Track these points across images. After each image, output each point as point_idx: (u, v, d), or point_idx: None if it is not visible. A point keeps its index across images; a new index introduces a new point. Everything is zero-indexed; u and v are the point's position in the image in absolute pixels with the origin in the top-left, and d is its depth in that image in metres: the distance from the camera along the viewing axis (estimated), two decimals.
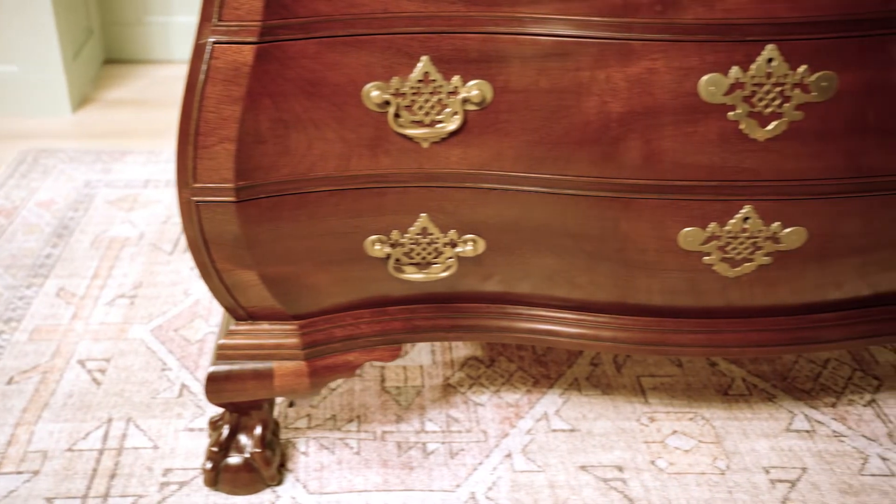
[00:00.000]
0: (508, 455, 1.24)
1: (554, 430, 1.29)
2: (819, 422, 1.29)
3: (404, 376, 1.42)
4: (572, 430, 1.29)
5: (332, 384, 1.40)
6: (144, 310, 1.59)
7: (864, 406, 1.32)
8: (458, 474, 1.21)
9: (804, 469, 1.20)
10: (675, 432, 1.28)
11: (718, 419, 1.31)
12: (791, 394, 1.35)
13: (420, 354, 1.47)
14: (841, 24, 0.90)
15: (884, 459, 1.21)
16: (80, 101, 2.50)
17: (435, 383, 1.40)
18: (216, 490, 1.18)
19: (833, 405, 1.33)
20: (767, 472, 1.20)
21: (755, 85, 0.92)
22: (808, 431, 1.27)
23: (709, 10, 0.90)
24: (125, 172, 2.09)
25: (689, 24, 0.91)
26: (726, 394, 1.36)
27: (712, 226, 1.00)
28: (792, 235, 1.00)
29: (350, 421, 1.31)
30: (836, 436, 1.26)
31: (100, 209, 1.92)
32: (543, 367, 1.43)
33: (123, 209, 1.92)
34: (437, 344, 1.50)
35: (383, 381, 1.41)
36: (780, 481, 1.18)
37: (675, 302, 1.09)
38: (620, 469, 1.21)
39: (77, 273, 1.68)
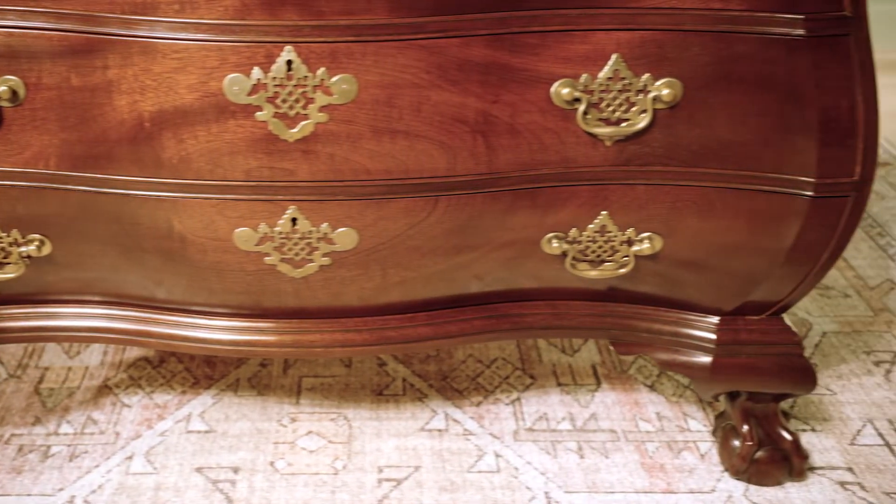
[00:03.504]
0: (130, 457, 1.23)
1: (189, 432, 1.28)
2: (456, 420, 1.31)
3: (65, 377, 1.39)
4: (209, 432, 1.28)
5: None
6: None
7: (507, 405, 1.35)
8: (67, 478, 1.19)
9: (417, 468, 1.22)
10: (310, 433, 1.29)
11: (360, 419, 1.31)
12: (444, 393, 1.37)
13: (91, 355, 1.45)
14: (354, 29, 0.91)
15: (498, 457, 1.24)
16: None
17: (93, 384, 1.38)
18: None
19: (479, 404, 1.35)
20: (381, 471, 1.21)
21: (277, 86, 0.93)
22: (440, 430, 1.29)
23: (224, 12, 0.90)
24: None
25: (209, 23, 0.91)
26: (381, 394, 1.37)
27: (263, 226, 1.00)
28: (344, 237, 1.01)
29: None
30: (465, 434, 1.28)
31: None
32: (210, 368, 1.42)
33: None
34: (111, 345, 1.48)
35: (41, 381, 1.38)
36: (389, 480, 1.20)
37: (258, 303, 1.09)
38: (236, 470, 1.21)
39: None
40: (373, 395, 1.37)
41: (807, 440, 1.25)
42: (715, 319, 1.11)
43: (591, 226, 1.05)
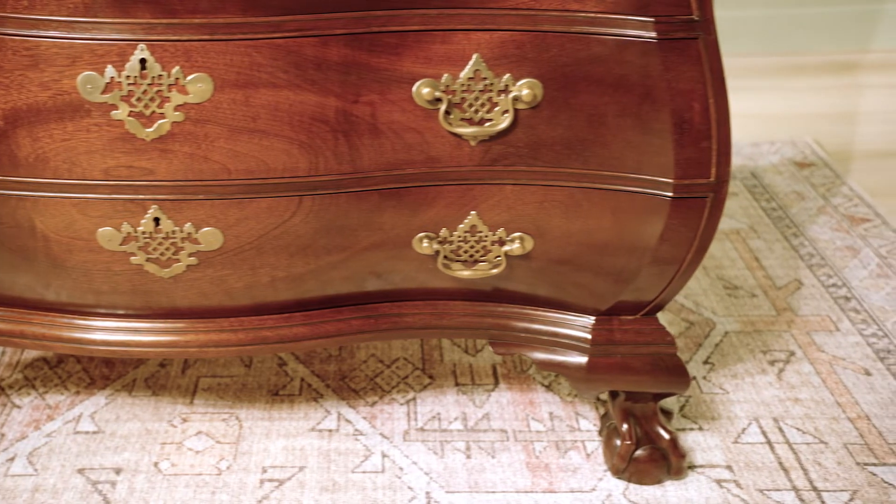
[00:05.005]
0: (12, 458, 1.21)
1: (77, 433, 1.27)
2: (348, 421, 1.31)
3: None
4: (97, 432, 1.27)
5: None
6: None
7: (402, 405, 1.34)
8: None
9: (302, 468, 1.21)
10: (199, 433, 1.28)
11: (252, 419, 1.31)
12: (340, 393, 1.37)
13: None
14: (208, 28, 0.91)
15: (384, 457, 1.24)
16: None
17: None
18: None
19: (373, 404, 1.35)
20: (265, 471, 1.21)
21: (132, 85, 0.92)
22: (330, 430, 1.28)
23: (75, 9, 0.89)
24: None
25: (59, 20, 0.90)
26: (277, 394, 1.37)
27: (126, 226, 1.00)
28: (208, 236, 1.01)
29: None
30: (354, 434, 1.28)
31: None
32: (108, 369, 1.41)
33: None
34: None
35: None
36: (271, 480, 1.19)
37: (131, 303, 1.08)
38: (118, 471, 1.20)
39: None
40: (268, 395, 1.36)
41: (693, 439, 1.26)
42: (591, 319, 1.11)
43: (461, 226, 1.05)
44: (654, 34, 0.91)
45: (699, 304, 1.58)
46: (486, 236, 1.05)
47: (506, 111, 0.96)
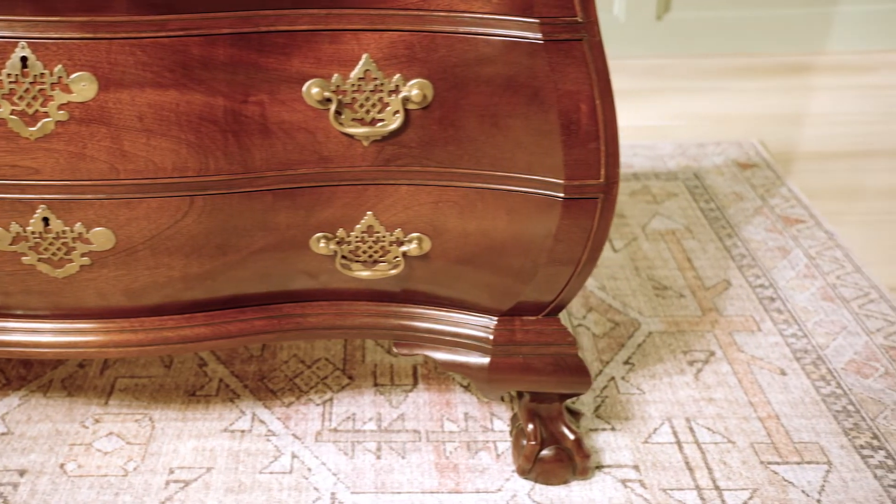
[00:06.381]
0: None
1: None
2: (262, 421, 1.30)
3: None
4: (5, 434, 1.26)
5: None
6: None
7: (318, 405, 1.34)
8: None
9: (209, 469, 1.21)
10: (110, 434, 1.27)
11: (166, 420, 1.30)
12: (257, 394, 1.36)
13: None
14: (90, 26, 0.90)
15: (294, 458, 1.23)
16: None
17: None
18: None
19: (289, 405, 1.34)
20: (172, 472, 1.20)
21: (13, 83, 0.91)
22: (242, 431, 1.28)
23: None
24: None
25: None
26: (194, 394, 1.36)
27: (15, 226, 0.99)
28: (100, 236, 1.00)
29: None
30: (267, 435, 1.27)
31: None
32: (25, 369, 1.39)
33: None
34: None
35: None
36: (177, 481, 1.18)
37: (27, 304, 1.07)
38: (22, 473, 1.19)
39: None
40: (185, 396, 1.35)
41: (603, 439, 1.26)
42: (492, 320, 1.11)
43: (358, 226, 1.04)
44: (539, 35, 0.91)
45: (626, 305, 1.58)
46: (384, 237, 1.05)
47: (397, 111, 0.96)
